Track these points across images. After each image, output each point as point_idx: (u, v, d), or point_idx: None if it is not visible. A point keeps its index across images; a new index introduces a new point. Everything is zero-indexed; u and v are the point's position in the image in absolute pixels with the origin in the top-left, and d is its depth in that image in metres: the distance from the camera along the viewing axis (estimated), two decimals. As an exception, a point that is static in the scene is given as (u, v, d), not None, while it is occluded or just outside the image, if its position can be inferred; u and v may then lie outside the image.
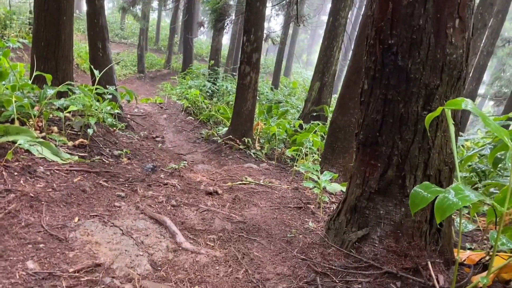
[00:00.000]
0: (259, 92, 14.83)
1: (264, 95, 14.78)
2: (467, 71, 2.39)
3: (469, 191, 1.74)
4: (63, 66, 5.36)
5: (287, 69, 28.99)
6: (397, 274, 2.36)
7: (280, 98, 13.80)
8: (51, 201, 2.83)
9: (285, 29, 19.60)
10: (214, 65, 14.80)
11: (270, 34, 14.85)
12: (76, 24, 24.28)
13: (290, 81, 21.56)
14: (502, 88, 19.68)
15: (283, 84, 20.98)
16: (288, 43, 25.13)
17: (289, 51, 27.31)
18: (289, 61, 28.94)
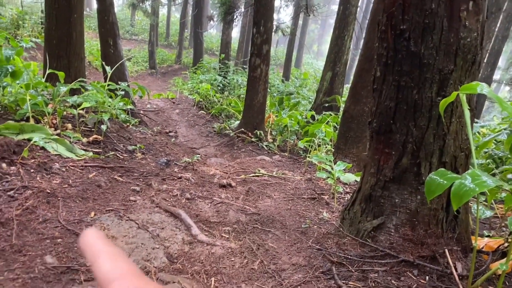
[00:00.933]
0: (270, 84, 14.78)
1: (275, 87, 14.72)
2: (482, 55, 2.33)
3: (486, 176, 1.71)
4: (75, 64, 5.41)
5: (298, 60, 28.81)
6: (413, 263, 2.33)
7: (291, 89, 13.72)
8: (67, 197, 2.87)
9: (295, 20, 19.45)
10: (224, 58, 14.78)
11: (280, 25, 14.76)
12: (87, 22, 24.47)
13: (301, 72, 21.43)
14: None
15: (294, 76, 20.86)
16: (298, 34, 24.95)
17: (300, 42, 27.13)
18: (300, 52, 28.76)
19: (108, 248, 0.34)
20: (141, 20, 29.67)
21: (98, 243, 0.34)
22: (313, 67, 30.37)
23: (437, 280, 2.31)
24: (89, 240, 0.35)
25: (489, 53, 12.43)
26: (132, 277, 0.32)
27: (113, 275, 0.31)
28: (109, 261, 0.32)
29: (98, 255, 0.33)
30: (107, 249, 0.34)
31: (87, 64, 14.59)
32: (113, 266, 0.32)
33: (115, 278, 0.31)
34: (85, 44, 16.23)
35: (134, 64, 20.60)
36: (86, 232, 0.35)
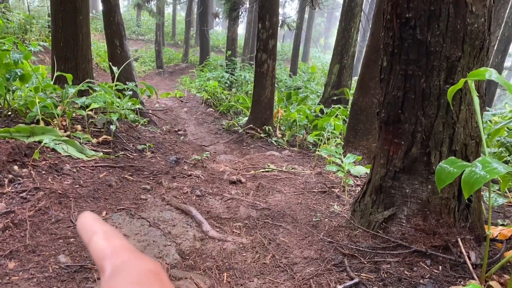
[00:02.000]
0: (278, 80, 14.74)
1: (283, 82, 14.68)
2: (490, 41, 2.29)
3: (497, 163, 1.68)
4: (82, 65, 5.45)
5: (305, 55, 28.69)
6: (426, 253, 2.32)
7: (299, 84, 13.68)
8: (79, 197, 2.90)
9: (300, 14, 19.37)
10: (231, 55, 14.79)
11: (285, 20, 14.69)
12: (93, 23, 24.62)
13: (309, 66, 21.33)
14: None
15: (301, 70, 20.77)
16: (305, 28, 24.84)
17: (306, 36, 27.01)
18: (307, 46, 28.63)
19: (103, 228, 0.35)
20: (147, 20, 29.78)
21: (93, 224, 0.36)
22: (321, 61, 30.21)
23: (450, 269, 2.29)
24: (85, 221, 0.36)
25: (499, 40, 12.23)
26: (124, 252, 0.33)
27: (107, 251, 0.33)
28: (103, 239, 0.34)
29: (93, 234, 0.35)
30: (101, 228, 0.35)
31: (94, 66, 14.70)
32: (107, 243, 0.34)
33: (108, 254, 0.33)
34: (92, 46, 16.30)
35: (142, 64, 20.68)
36: (82, 214, 0.36)
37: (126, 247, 0.34)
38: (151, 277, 0.31)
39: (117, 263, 0.32)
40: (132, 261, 0.33)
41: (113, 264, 0.33)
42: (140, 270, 0.32)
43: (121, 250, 0.34)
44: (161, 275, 0.33)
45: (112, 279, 0.31)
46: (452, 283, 2.20)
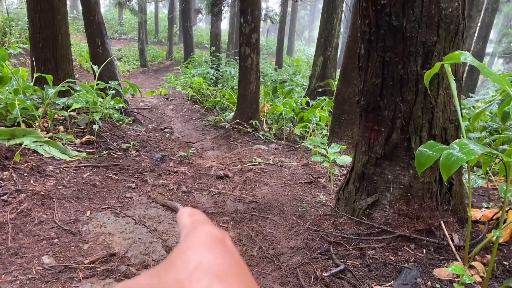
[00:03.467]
0: (263, 74, 14.71)
1: (269, 76, 14.66)
2: (464, 25, 2.32)
3: (474, 145, 1.70)
4: (63, 66, 5.37)
5: (290, 48, 28.70)
6: (410, 237, 2.34)
7: (285, 77, 13.66)
8: (62, 198, 2.87)
9: (283, 7, 19.33)
10: (215, 51, 14.71)
11: (268, 13, 14.65)
12: (75, 24, 24.30)
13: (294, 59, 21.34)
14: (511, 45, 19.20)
15: (287, 64, 20.77)
16: (288, 21, 24.82)
17: (290, 29, 27.00)
18: (291, 39, 28.63)
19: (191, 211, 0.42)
20: (129, 19, 29.45)
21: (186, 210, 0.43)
22: (306, 54, 30.24)
23: (434, 252, 2.32)
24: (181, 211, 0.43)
25: (479, 27, 12.37)
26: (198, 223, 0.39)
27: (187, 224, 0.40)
28: (187, 217, 0.41)
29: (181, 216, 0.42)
30: (190, 211, 0.42)
31: (77, 66, 14.54)
32: (189, 219, 0.40)
33: (186, 225, 0.39)
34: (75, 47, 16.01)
35: (125, 63, 20.47)
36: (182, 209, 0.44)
37: (203, 220, 0.40)
38: (215, 240, 0.36)
39: (189, 230, 0.38)
40: (201, 228, 0.37)
41: (186, 232, 0.38)
42: (206, 234, 0.36)
43: (196, 222, 0.39)
44: (225, 240, 0.37)
45: (181, 244, 0.36)
46: (436, 265, 2.23)
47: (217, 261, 0.33)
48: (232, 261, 0.34)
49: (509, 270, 2.28)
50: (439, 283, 2.06)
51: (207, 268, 0.32)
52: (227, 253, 0.34)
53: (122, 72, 17.54)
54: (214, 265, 0.32)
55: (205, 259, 0.33)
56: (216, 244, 0.35)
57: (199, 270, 0.31)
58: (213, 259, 0.33)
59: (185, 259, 0.33)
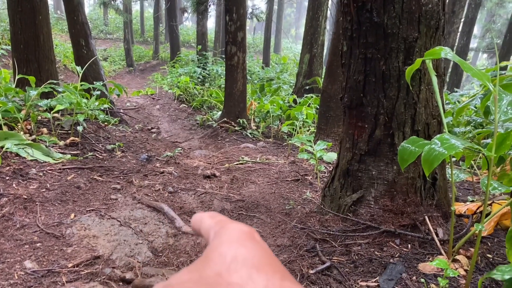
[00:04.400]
0: (251, 72, 14.70)
1: (256, 74, 14.65)
2: (445, 20, 2.33)
3: (455, 139, 1.72)
4: (45, 67, 5.29)
5: (277, 46, 28.71)
6: (395, 232, 2.36)
7: (272, 75, 13.68)
8: (46, 201, 2.83)
9: (269, 5, 19.31)
10: (202, 50, 14.64)
11: (254, 11, 14.62)
12: (59, 24, 24.00)
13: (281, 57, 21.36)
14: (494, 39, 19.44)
15: (274, 61, 20.78)
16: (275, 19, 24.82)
17: (277, 27, 27.01)
18: (278, 37, 28.64)
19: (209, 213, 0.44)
20: (114, 18, 29.15)
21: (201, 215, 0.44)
22: (293, 51, 30.28)
23: (419, 247, 2.34)
24: (195, 217, 0.45)
25: (463, 22, 12.51)
26: (224, 222, 0.41)
27: (211, 224, 0.41)
28: (208, 218, 0.42)
29: (201, 219, 0.43)
30: (208, 214, 0.44)
31: (62, 67, 14.35)
32: (211, 220, 0.42)
33: (212, 225, 0.41)
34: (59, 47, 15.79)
35: (111, 64, 20.27)
36: (194, 215, 0.46)
37: (226, 219, 0.41)
38: (245, 236, 0.37)
39: (217, 229, 0.39)
40: (229, 226, 0.39)
41: (215, 230, 0.40)
42: (236, 230, 0.38)
43: (221, 222, 0.41)
44: (254, 235, 0.38)
45: (213, 241, 0.38)
46: (421, 260, 2.25)
47: (250, 253, 0.35)
48: (264, 253, 0.36)
49: (493, 263, 2.31)
50: (424, 277, 2.08)
51: (243, 260, 0.34)
52: (258, 246, 0.37)
53: (108, 73, 17.37)
54: (249, 257, 0.34)
55: (239, 253, 0.35)
56: (247, 239, 0.37)
57: (236, 262, 0.34)
58: (246, 252, 0.35)
59: (221, 254, 0.35)
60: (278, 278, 0.33)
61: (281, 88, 11.12)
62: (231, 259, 0.34)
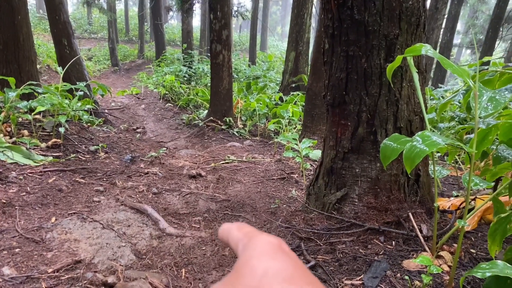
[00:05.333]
0: (237, 70, 14.65)
1: (242, 72, 14.61)
2: (426, 17, 2.33)
3: (436, 136, 1.72)
4: (26, 67, 5.18)
5: (263, 44, 28.69)
6: (379, 229, 2.36)
7: (258, 73, 13.65)
8: (26, 205, 2.77)
9: (254, 2, 19.27)
10: (187, 48, 14.53)
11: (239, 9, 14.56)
12: (42, 24, 23.63)
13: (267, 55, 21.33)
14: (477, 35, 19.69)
15: (260, 59, 20.76)
16: (260, 17, 24.77)
17: (263, 25, 26.97)
18: (264, 35, 28.62)
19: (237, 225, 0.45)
20: (98, 18, 28.78)
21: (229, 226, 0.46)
22: (279, 49, 30.26)
23: (403, 244, 2.34)
24: (223, 228, 0.46)
25: (446, 18, 12.63)
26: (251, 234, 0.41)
27: (239, 236, 0.42)
28: (236, 230, 0.44)
29: (229, 231, 0.44)
30: (235, 226, 0.45)
31: (46, 68, 14.12)
32: (239, 232, 0.43)
33: (240, 237, 0.42)
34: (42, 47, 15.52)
35: (96, 63, 20.00)
36: (222, 226, 0.47)
37: (254, 231, 0.43)
38: (274, 247, 0.38)
39: (246, 242, 0.40)
40: (258, 238, 0.40)
41: (244, 243, 0.40)
42: (264, 242, 0.39)
43: (249, 233, 0.42)
44: (282, 246, 0.39)
45: (243, 253, 0.38)
46: (406, 257, 2.25)
47: (281, 266, 0.35)
48: (294, 264, 0.36)
49: (476, 258, 2.33)
50: (408, 274, 2.08)
51: (274, 274, 0.34)
52: (288, 258, 0.37)
53: (93, 72, 17.15)
54: (280, 270, 0.35)
55: (270, 266, 0.35)
56: (276, 251, 0.37)
57: (268, 276, 0.34)
58: (277, 264, 0.35)
59: (252, 268, 0.35)
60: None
61: (268, 86, 11.11)
62: (262, 273, 0.34)
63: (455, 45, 19.06)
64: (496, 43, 13.29)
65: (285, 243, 0.40)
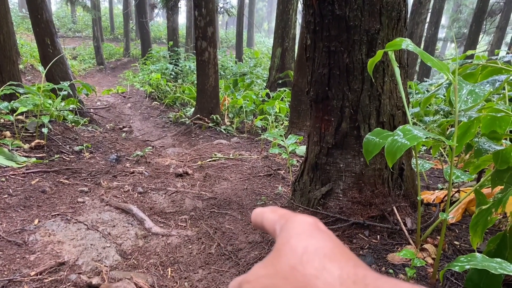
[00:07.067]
0: (224, 67, 14.60)
1: (229, 69, 14.56)
2: (406, 11, 2.34)
3: (417, 130, 1.73)
4: (7, 67, 5.09)
5: (250, 40, 28.62)
6: (364, 224, 2.37)
7: (245, 70, 13.62)
8: (7, 207, 2.73)
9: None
10: (173, 45, 14.43)
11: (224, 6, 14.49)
12: (25, 23, 23.26)
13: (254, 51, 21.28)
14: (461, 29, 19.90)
15: (247, 56, 20.70)
16: (247, 14, 24.70)
17: (249, 21, 26.90)
18: (250, 31, 28.55)
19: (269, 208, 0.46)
20: (82, 16, 28.42)
21: (262, 210, 0.46)
22: (266, 46, 30.23)
23: (388, 237, 2.36)
24: (255, 212, 0.47)
25: (431, 13, 12.73)
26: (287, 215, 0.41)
27: (275, 218, 0.43)
28: (270, 213, 0.44)
29: (263, 214, 0.45)
30: (268, 208, 0.46)
31: (30, 68, 13.90)
32: (274, 214, 0.44)
33: (276, 219, 0.42)
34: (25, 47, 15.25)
35: (81, 62, 19.74)
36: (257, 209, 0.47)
37: (288, 212, 0.42)
38: (310, 226, 0.38)
39: (283, 223, 0.40)
40: (294, 218, 0.40)
41: (281, 225, 0.41)
42: (301, 222, 0.39)
43: (284, 215, 0.42)
44: (319, 225, 0.39)
45: (281, 234, 0.39)
46: (390, 250, 2.27)
47: (320, 243, 0.36)
48: (333, 241, 0.37)
49: (460, 250, 2.35)
50: (393, 268, 2.09)
51: (315, 251, 0.34)
52: (325, 236, 0.37)
53: (78, 72, 16.93)
54: (320, 247, 0.35)
55: (310, 244, 0.35)
56: (313, 230, 0.38)
57: (308, 254, 0.34)
58: (316, 242, 0.36)
59: (292, 247, 0.36)
60: (351, 266, 0.34)
61: (255, 83, 11.09)
62: (302, 251, 0.35)
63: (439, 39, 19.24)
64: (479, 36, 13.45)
65: (321, 222, 0.40)
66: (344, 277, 0.33)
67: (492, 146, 2.08)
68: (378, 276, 0.33)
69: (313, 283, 0.33)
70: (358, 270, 0.33)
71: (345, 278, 0.33)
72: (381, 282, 0.32)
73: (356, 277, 0.33)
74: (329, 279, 0.33)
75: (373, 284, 0.32)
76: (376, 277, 0.33)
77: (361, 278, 0.33)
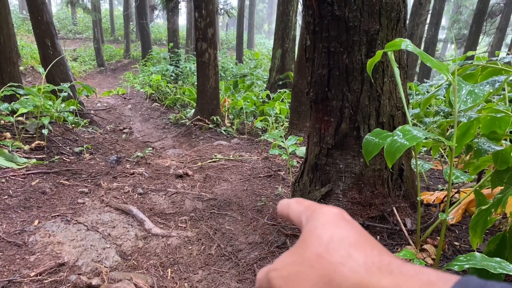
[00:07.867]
0: (224, 69, 14.61)
1: (230, 70, 14.57)
2: (406, 12, 2.35)
3: (416, 130, 1.73)
4: (7, 69, 5.09)
5: (250, 41, 28.66)
6: (363, 224, 2.37)
7: (245, 71, 13.62)
8: (8, 208, 2.73)
9: (240, 1, 19.22)
10: (173, 47, 14.44)
11: (225, 7, 14.51)
12: (26, 25, 23.31)
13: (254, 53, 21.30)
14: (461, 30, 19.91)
15: (247, 57, 20.72)
16: (247, 15, 24.74)
17: (249, 23, 26.94)
18: (251, 33, 28.58)
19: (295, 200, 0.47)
20: (83, 18, 28.45)
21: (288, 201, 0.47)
22: (266, 47, 30.25)
23: (388, 238, 2.36)
24: (281, 204, 0.48)
25: (431, 14, 12.74)
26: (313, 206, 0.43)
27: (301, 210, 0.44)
28: (295, 204, 0.45)
29: (289, 205, 0.46)
30: (294, 200, 0.47)
31: (30, 69, 13.92)
32: (299, 205, 0.45)
33: (302, 210, 0.43)
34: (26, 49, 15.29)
35: (82, 64, 19.77)
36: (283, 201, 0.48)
37: (313, 203, 0.44)
38: (336, 216, 0.39)
39: (309, 214, 0.42)
40: (320, 209, 0.41)
41: (307, 215, 0.42)
42: (327, 213, 0.40)
43: (310, 206, 0.43)
44: (344, 215, 0.40)
45: (308, 225, 0.40)
46: (390, 250, 2.26)
47: (345, 233, 0.37)
48: (358, 231, 0.38)
49: (460, 250, 2.35)
50: (392, 268, 2.09)
51: (340, 240, 0.36)
52: (351, 226, 0.38)
53: (78, 73, 16.96)
54: (344, 237, 0.36)
55: (335, 233, 0.37)
56: (339, 220, 0.39)
57: (333, 242, 0.36)
58: (341, 232, 0.37)
59: (318, 236, 0.37)
60: (376, 254, 0.35)
61: (255, 84, 11.10)
62: (328, 239, 0.36)
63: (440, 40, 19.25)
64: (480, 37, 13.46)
65: (346, 213, 0.41)
66: (369, 264, 0.34)
67: (492, 146, 2.08)
68: (403, 263, 0.34)
69: (339, 270, 0.34)
70: (383, 257, 0.34)
71: (370, 265, 0.34)
72: (406, 268, 0.33)
73: (381, 264, 0.34)
74: (355, 266, 0.34)
75: (397, 270, 0.33)
76: (401, 264, 0.34)
77: (386, 265, 0.34)
